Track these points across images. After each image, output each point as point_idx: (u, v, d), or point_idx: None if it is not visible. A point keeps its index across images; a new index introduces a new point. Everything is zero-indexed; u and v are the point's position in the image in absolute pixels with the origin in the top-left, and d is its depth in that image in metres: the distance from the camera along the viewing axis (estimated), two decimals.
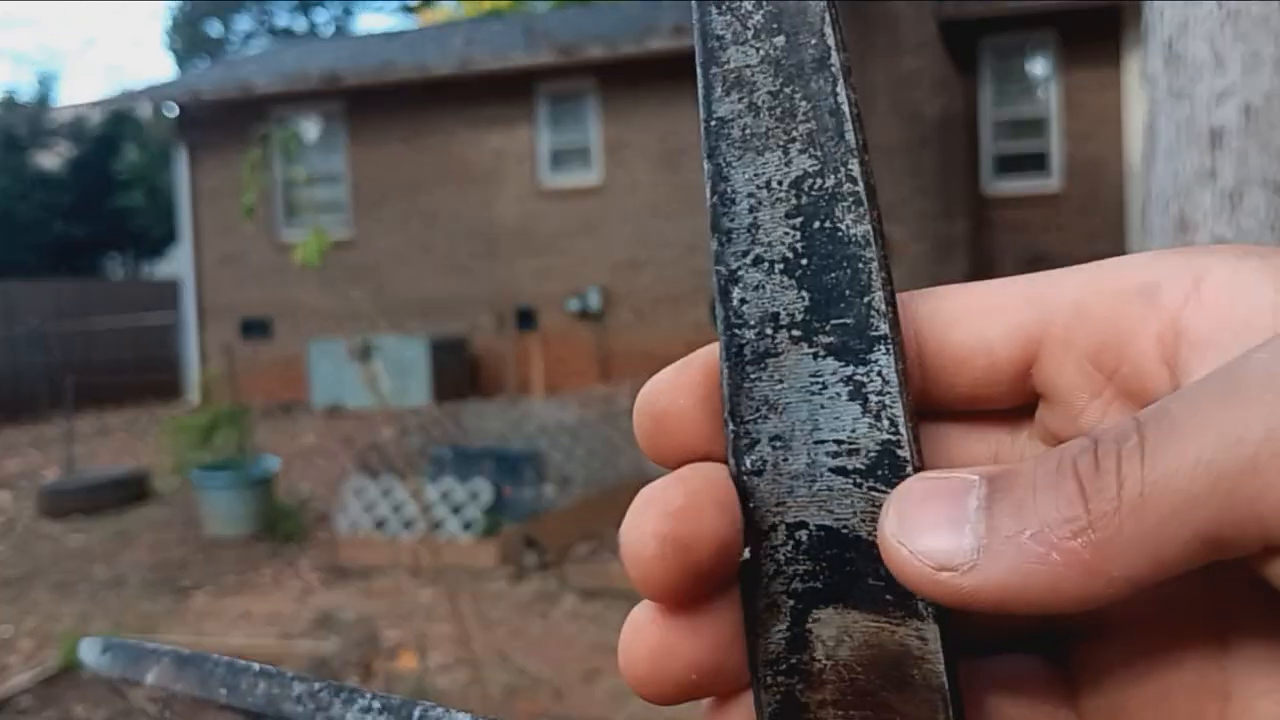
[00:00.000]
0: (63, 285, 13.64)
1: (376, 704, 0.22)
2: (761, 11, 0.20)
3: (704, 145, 0.21)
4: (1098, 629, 0.20)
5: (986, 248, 8.91)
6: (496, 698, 3.01)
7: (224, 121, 11.05)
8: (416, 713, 0.21)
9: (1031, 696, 0.21)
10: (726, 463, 0.20)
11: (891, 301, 0.19)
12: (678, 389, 0.21)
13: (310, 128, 11.26)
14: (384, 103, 10.83)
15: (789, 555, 0.20)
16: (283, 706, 0.22)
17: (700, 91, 0.20)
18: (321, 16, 26.82)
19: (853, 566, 0.19)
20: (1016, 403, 0.21)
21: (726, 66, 0.20)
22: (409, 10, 24.80)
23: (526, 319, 10.54)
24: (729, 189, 0.21)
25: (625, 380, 10.03)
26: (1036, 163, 9.39)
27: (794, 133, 0.20)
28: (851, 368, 0.19)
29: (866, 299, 0.19)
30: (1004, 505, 0.17)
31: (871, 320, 0.19)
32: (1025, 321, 0.20)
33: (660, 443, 0.21)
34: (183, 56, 25.69)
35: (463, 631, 3.07)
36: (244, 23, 26.43)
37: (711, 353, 0.21)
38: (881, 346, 0.19)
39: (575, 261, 10.40)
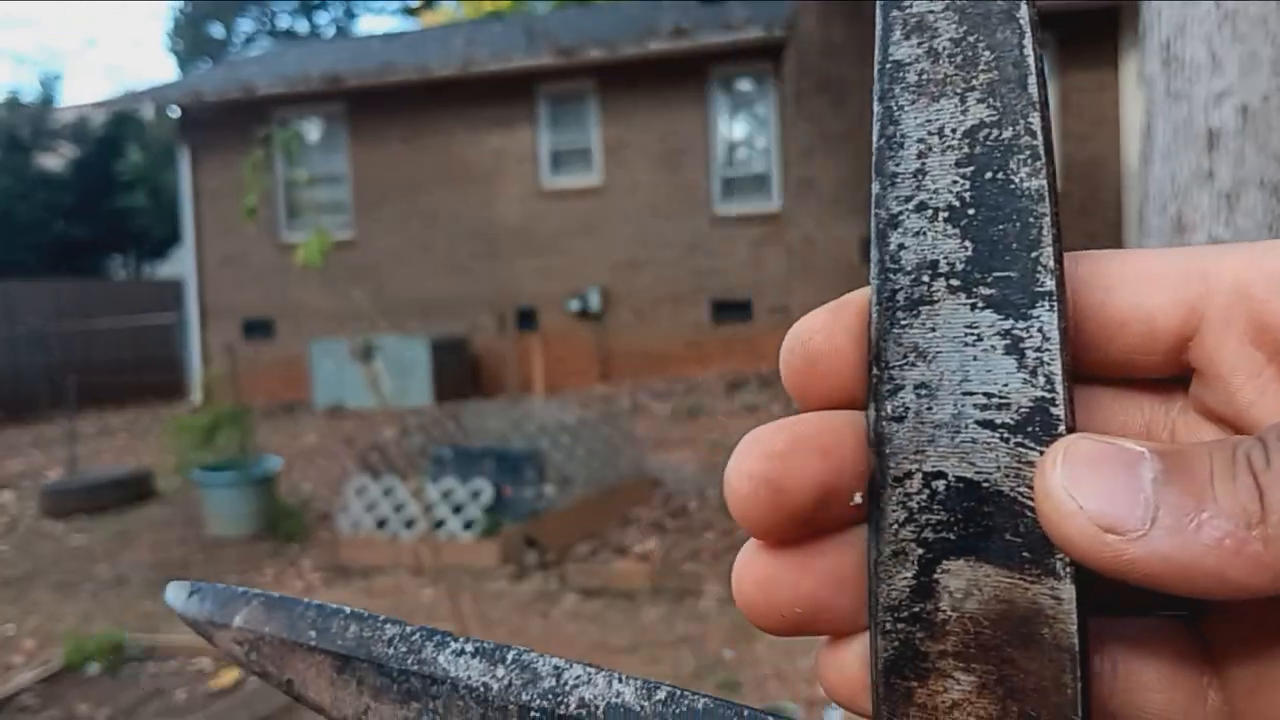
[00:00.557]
0: (65, 286, 13.65)
1: (469, 648, 0.22)
2: None
3: (876, 87, 0.20)
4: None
5: None
6: None
7: (226, 122, 11.07)
8: (510, 656, 0.21)
9: (1170, 663, 0.21)
10: (865, 407, 0.20)
11: (1059, 259, 0.19)
12: (835, 328, 0.21)
13: (312, 129, 11.27)
14: (385, 104, 10.85)
15: (923, 503, 0.19)
16: (374, 649, 0.22)
17: (878, 33, 0.20)
18: (323, 18, 26.85)
19: (990, 520, 0.19)
20: (1169, 374, 0.21)
21: (909, 10, 0.20)
22: (410, 12, 24.82)
23: (527, 319, 10.55)
24: (898, 133, 0.20)
25: (625, 380, 10.04)
26: None
27: (974, 81, 0.19)
28: (1011, 321, 0.19)
29: (1034, 254, 0.19)
30: (1181, 484, 0.17)
31: (1038, 275, 0.19)
32: (1188, 295, 0.20)
33: (808, 383, 0.21)
34: (185, 58, 25.71)
35: (464, 630, 3.09)
36: (246, 24, 26.46)
37: (866, 295, 0.21)
38: (1045, 303, 0.19)
39: (575, 262, 10.41)
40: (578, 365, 10.32)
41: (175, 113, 11.81)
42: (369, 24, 34.39)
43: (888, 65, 0.20)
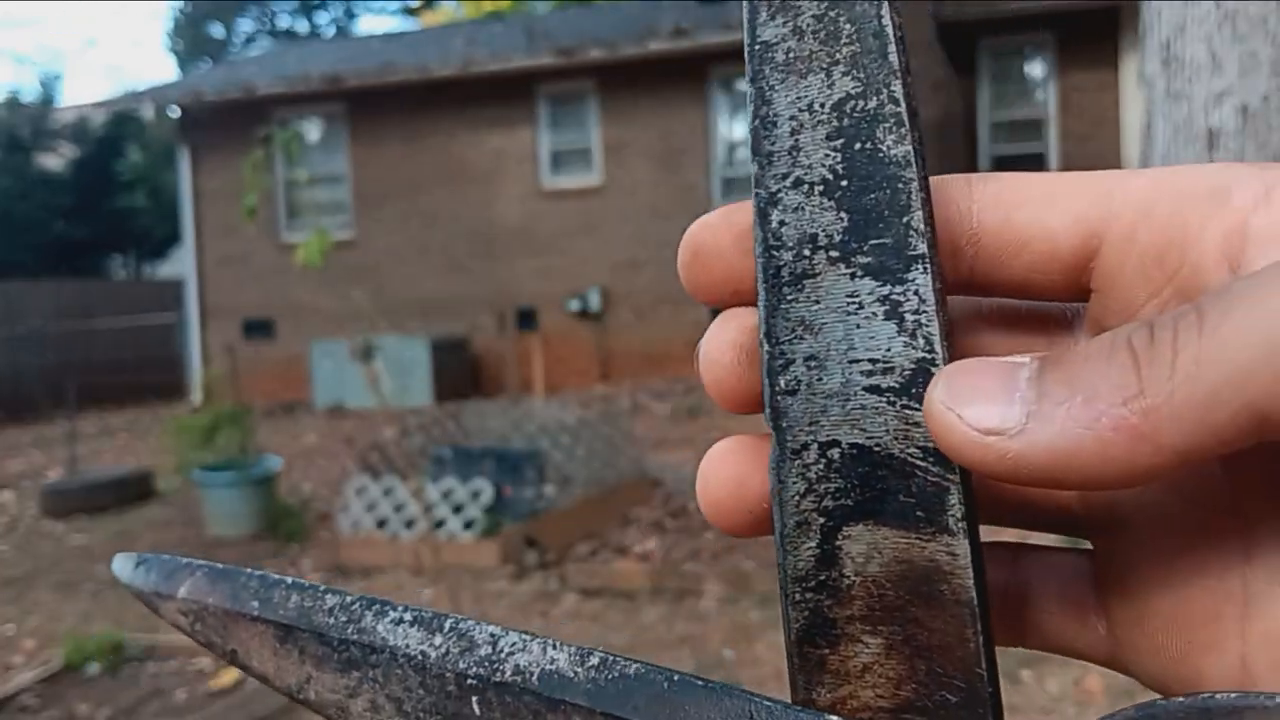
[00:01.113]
0: (65, 286, 13.66)
1: (408, 616, 0.22)
2: None
3: (748, 69, 0.21)
4: (1122, 525, 0.21)
5: None
6: None
7: (226, 122, 11.07)
8: (447, 624, 0.22)
9: (1062, 603, 0.22)
10: (761, 383, 0.21)
11: (930, 221, 0.19)
12: (720, 228, 0.22)
13: (312, 129, 11.28)
14: (385, 104, 10.85)
15: (820, 473, 0.20)
16: (315, 619, 0.23)
17: (745, 16, 0.20)
18: (323, 18, 26.85)
19: (884, 483, 0.19)
20: (1066, 295, 0.21)
21: None
22: (410, 12, 24.83)
23: (527, 319, 10.55)
24: (770, 112, 0.20)
25: (625, 380, 10.04)
26: (1034, 164, 9.40)
27: (837, 55, 0.20)
28: (889, 287, 0.19)
29: (905, 219, 0.19)
30: (1055, 375, 0.17)
31: (910, 240, 0.19)
32: (1091, 214, 0.20)
33: (696, 274, 0.22)
34: (185, 58, 25.72)
35: None
36: (246, 24, 26.47)
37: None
38: (919, 265, 0.19)
39: (575, 262, 10.42)
40: (578, 365, 10.32)
41: (175, 113, 11.81)
42: (369, 24, 34.44)
43: (756, 46, 0.20)
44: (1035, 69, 9.60)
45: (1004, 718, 0.19)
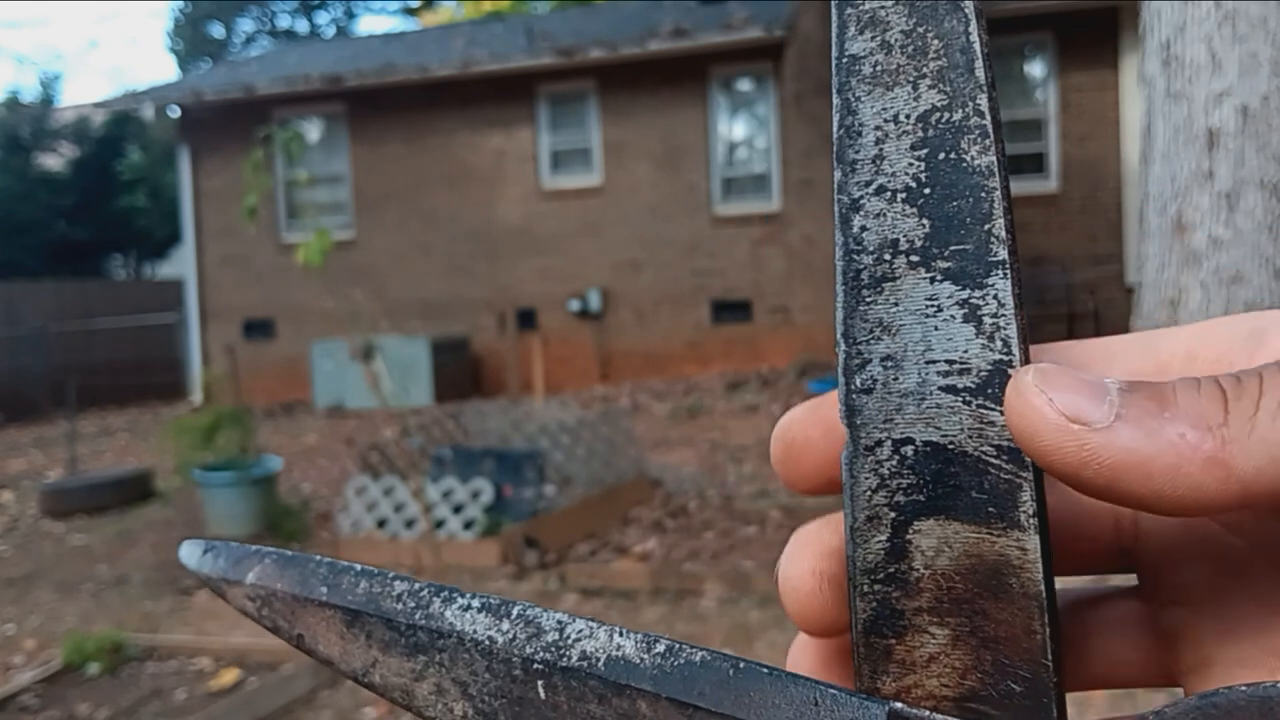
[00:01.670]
0: (65, 286, 13.66)
1: (476, 603, 0.22)
2: None
3: (834, 81, 0.21)
4: (1174, 564, 0.22)
5: None
6: None
7: (226, 123, 11.07)
8: (515, 611, 0.22)
9: (1122, 642, 0.23)
10: (836, 382, 0.21)
11: (1011, 229, 0.20)
12: (808, 422, 0.23)
13: (312, 129, 11.28)
14: (385, 104, 10.85)
15: (893, 469, 0.20)
16: (383, 604, 0.23)
17: (834, 30, 0.21)
18: (323, 18, 26.85)
19: (957, 480, 0.20)
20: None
21: (861, 7, 0.21)
22: (410, 12, 24.83)
23: (527, 319, 10.55)
24: (856, 122, 0.21)
25: (625, 380, 10.04)
26: (1034, 164, 9.40)
27: (924, 69, 0.20)
28: (968, 291, 0.20)
29: (987, 226, 0.20)
30: (1145, 392, 0.18)
31: (991, 246, 0.20)
32: (1143, 367, 0.21)
33: (790, 468, 0.23)
34: (185, 58, 25.72)
35: None
36: (246, 24, 26.46)
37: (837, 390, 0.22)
38: (999, 271, 0.20)
39: (575, 262, 10.42)
40: (578, 365, 10.32)
41: (175, 113, 11.82)
42: (369, 24, 34.42)
43: (844, 60, 0.21)
44: (1035, 69, 9.60)
45: (1066, 710, 0.20)
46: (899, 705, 0.20)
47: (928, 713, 0.20)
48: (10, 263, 16.17)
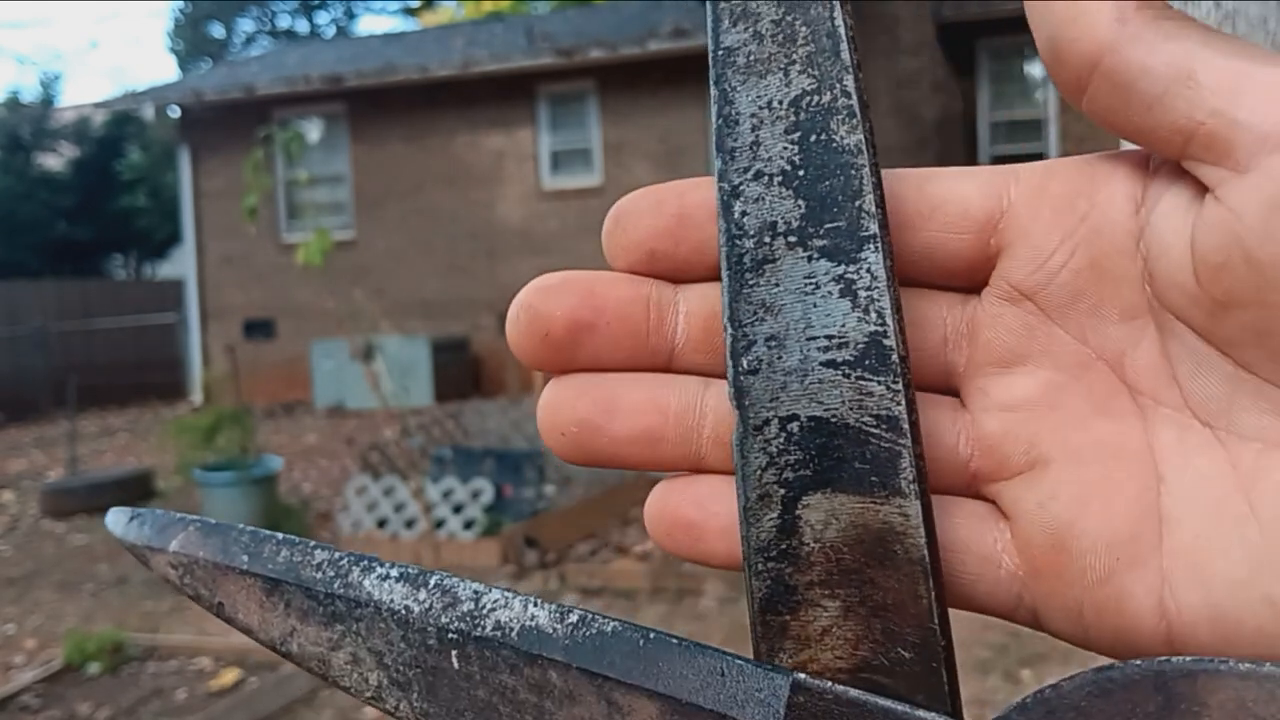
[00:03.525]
0: (66, 286, 13.67)
1: (394, 572, 0.22)
2: None
3: (711, 73, 0.22)
4: (1040, 460, 0.21)
5: None
6: None
7: (226, 123, 11.08)
8: (432, 580, 0.22)
9: (968, 548, 0.22)
10: (725, 365, 0.22)
11: (881, 204, 0.20)
12: (637, 197, 0.23)
13: (312, 129, 11.28)
14: (385, 104, 10.86)
15: (780, 446, 0.21)
16: (302, 573, 0.23)
17: (709, 24, 0.22)
18: (323, 18, 26.86)
19: (841, 452, 0.20)
20: (971, 258, 0.22)
21: (733, 1, 0.22)
22: (410, 12, 24.83)
23: None
24: (733, 111, 0.22)
25: None
26: None
27: (794, 55, 0.21)
28: (843, 267, 0.20)
29: (858, 202, 0.20)
30: None
31: (862, 221, 0.20)
32: (999, 179, 0.22)
33: (616, 238, 0.23)
34: (185, 58, 25.73)
35: None
36: (246, 24, 26.47)
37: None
38: (871, 245, 0.20)
39: (576, 262, 10.25)
40: None
41: (176, 113, 11.82)
42: (369, 24, 34.44)
43: (719, 53, 0.22)
44: (1035, 69, 9.60)
45: (956, 671, 0.20)
46: (801, 676, 0.20)
47: (829, 684, 0.20)
48: (11, 263, 16.18)
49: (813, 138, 0.21)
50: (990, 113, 9.46)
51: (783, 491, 0.21)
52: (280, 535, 0.24)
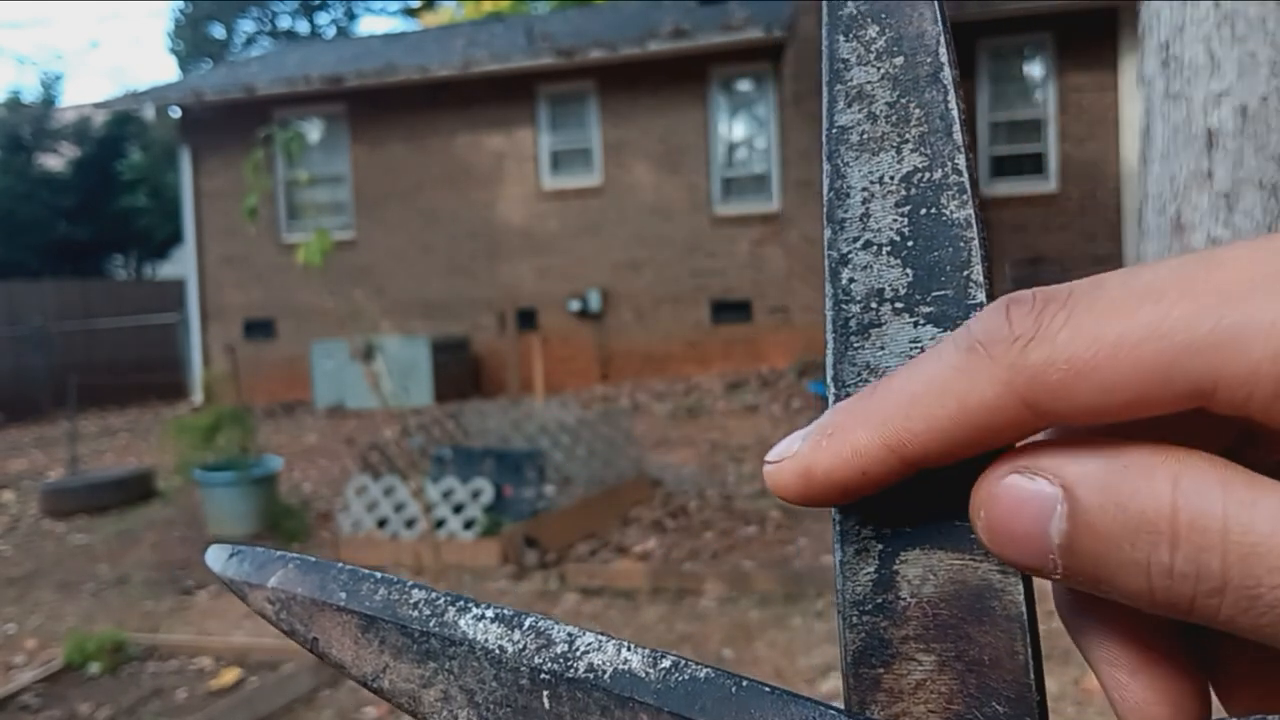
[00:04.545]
0: (66, 286, 13.67)
1: (490, 613, 0.23)
2: (884, 37, 0.22)
3: (824, 149, 0.23)
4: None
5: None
6: None
7: (227, 123, 11.08)
8: (527, 622, 0.23)
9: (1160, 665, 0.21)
10: None
11: (989, 275, 0.21)
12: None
13: (312, 129, 11.28)
14: (386, 104, 10.86)
15: (879, 502, 0.21)
16: (399, 611, 0.23)
17: (825, 105, 0.23)
18: (323, 19, 26.86)
19: (940, 510, 0.21)
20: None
21: (850, 84, 0.23)
22: (410, 13, 24.83)
23: (527, 319, 10.56)
24: (844, 185, 0.22)
25: (625, 380, 10.05)
26: (1033, 164, 9.41)
27: (907, 135, 0.22)
28: (949, 332, 0.21)
29: (966, 272, 0.21)
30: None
31: (970, 290, 0.21)
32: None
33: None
34: (186, 58, 25.73)
35: None
36: (246, 25, 26.47)
37: None
38: (977, 313, 0.21)
39: (575, 262, 10.42)
40: (578, 365, 10.33)
41: (176, 113, 11.82)
42: (369, 25, 34.44)
43: (833, 130, 0.23)
44: (1034, 69, 9.60)
45: None
46: None
47: None
48: (11, 263, 16.18)
49: (923, 211, 0.22)
50: (989, 113, 9.46)
51: (880, 546, 0.21)
52: (379, 574, 0.24)
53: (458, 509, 4.81)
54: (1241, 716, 0.17)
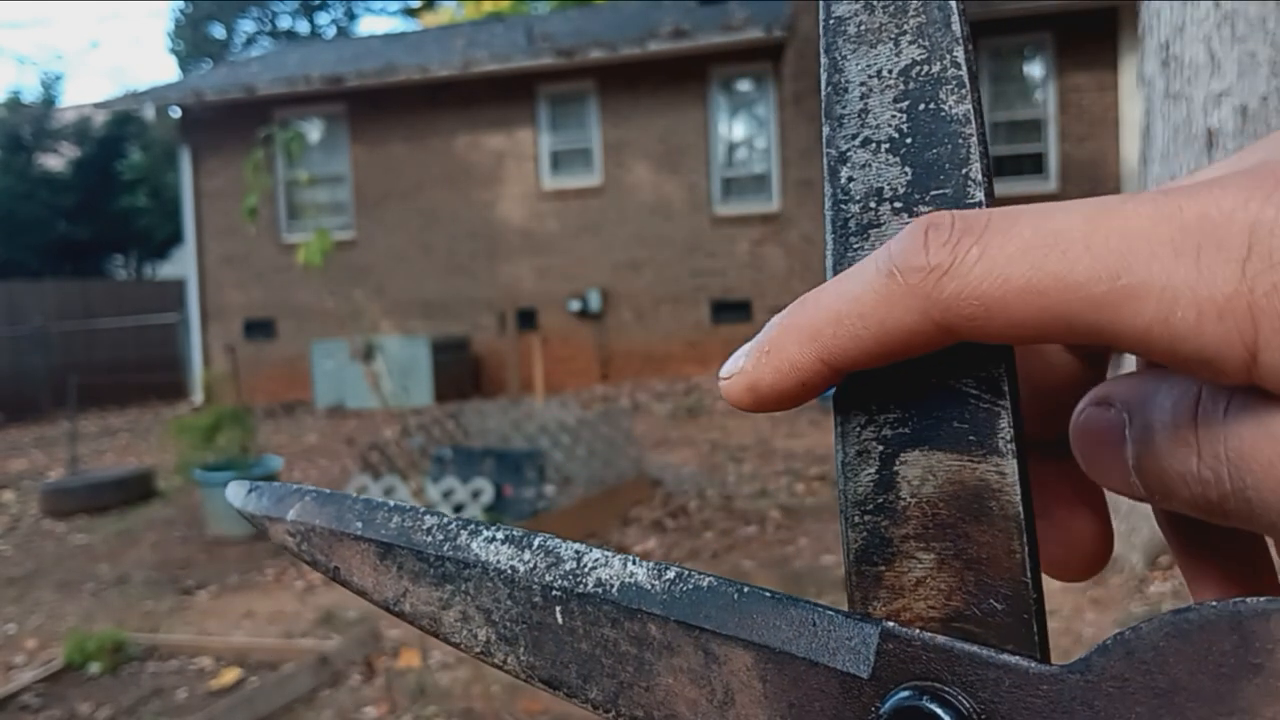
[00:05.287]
0: (67, 286, 13.67)
1: (500, 535, 0.24)
2: None
3: (822, 41, 0.22)
4: None
5: None
6: (499, 695, 3.03)
7: (227, 123, 11.08)
8: (536, 541, 0.23)
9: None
10: None
11: (988, 172, 0.21)
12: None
13: (312, 129, 11.28)
14: (386, 104, 10.86)
15: (880, 405, 0.21)
16: (414, 537, 0.24)
17: None
18: (324, 19, 26.86)
19: (940, 411, 0.21)
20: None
21: None
22: (410, 13, 24.84)
23: (527, 319, 10.56)
24: (842, 79, 0.22)
25: (625, 380, 10.05)
26: (1033, 164, 9.41)
27: (905, 26, 0.21)
28: None
29: (964, 170, 0.21)
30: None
31: (968, 189, 0.21)
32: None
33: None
34: (186, 58, 25.73)
35: None
36: (247, 25, 26.47)
37: None
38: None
39: (575, 262, 10.42)
40: (578, 365, 10.33)
41: (176, 113, 11.83)
42: (369, 25, 34.44)
43: (830, 21, 0.22)
44: (1034, 69, 9.60)
45: (1046, 624, 0.20)
46: (890, 624, 0.21)
47: (917, 631, 0.20)
48: (11, 262, 16.18)
49: (921, 106, 0.21)
50: (990, 113, 9.46)
51: (881, 448, 0.21)
52: (392, 502, 0.25)
53: (458, 509, 4.82)
54: (1219, 600, 0.17)
